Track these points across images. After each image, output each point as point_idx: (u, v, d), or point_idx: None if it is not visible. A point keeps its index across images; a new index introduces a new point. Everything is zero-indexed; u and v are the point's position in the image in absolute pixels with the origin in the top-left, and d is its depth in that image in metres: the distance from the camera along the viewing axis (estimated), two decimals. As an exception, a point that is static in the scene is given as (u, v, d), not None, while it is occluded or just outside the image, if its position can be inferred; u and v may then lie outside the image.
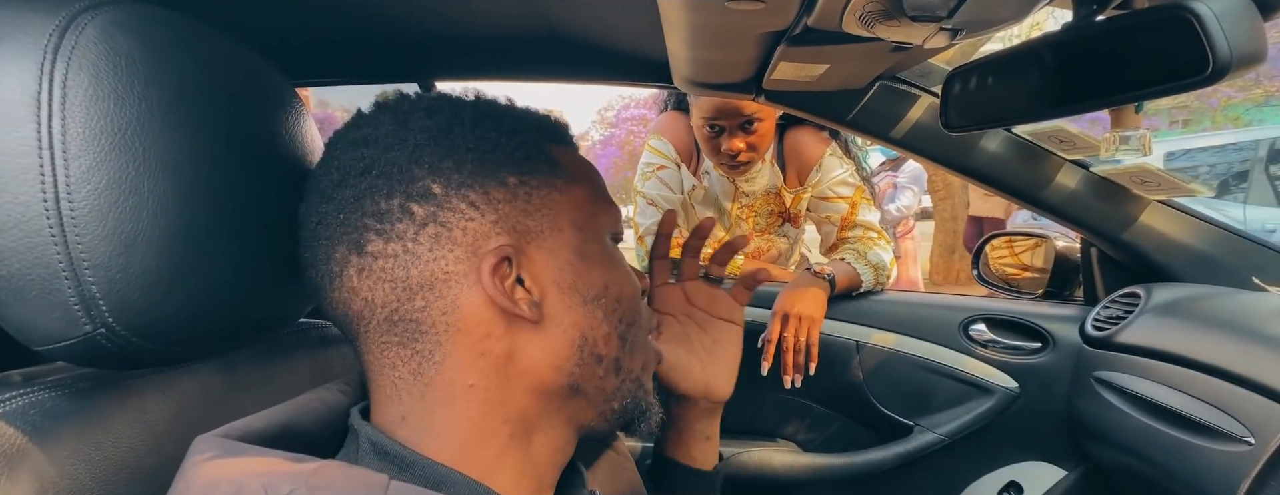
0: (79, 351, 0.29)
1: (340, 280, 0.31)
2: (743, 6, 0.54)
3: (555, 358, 0.33)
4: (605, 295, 0.35)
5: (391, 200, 0.31)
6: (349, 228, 0.31)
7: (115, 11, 0.29)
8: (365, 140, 0.32)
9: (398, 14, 0.82)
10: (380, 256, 0.31)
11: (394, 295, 0.31)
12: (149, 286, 0.29)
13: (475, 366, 0.32)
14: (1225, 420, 0.62)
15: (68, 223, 0.27)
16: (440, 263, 0.31)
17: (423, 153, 0.32)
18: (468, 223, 0.31)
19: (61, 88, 0.26)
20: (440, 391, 0.32)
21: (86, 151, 0.27)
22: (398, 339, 0.31)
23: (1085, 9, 0.50)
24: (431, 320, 0.31)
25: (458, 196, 0.31)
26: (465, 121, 0.33)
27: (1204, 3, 0.40)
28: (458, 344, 0.31)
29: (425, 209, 0.31)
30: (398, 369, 0.32)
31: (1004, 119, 0.65)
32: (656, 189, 1.23)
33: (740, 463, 1.07)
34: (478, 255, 0.31)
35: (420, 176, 0.31)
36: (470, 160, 0.32)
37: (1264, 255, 0.83)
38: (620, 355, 0.35)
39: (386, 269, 0.31)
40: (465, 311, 0.31)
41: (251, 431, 0.30)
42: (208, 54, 0.33)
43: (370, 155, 0.32)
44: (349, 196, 0.31)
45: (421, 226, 0.31)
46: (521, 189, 0.33)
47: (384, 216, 0.31)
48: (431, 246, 0.31)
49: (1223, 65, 0.39)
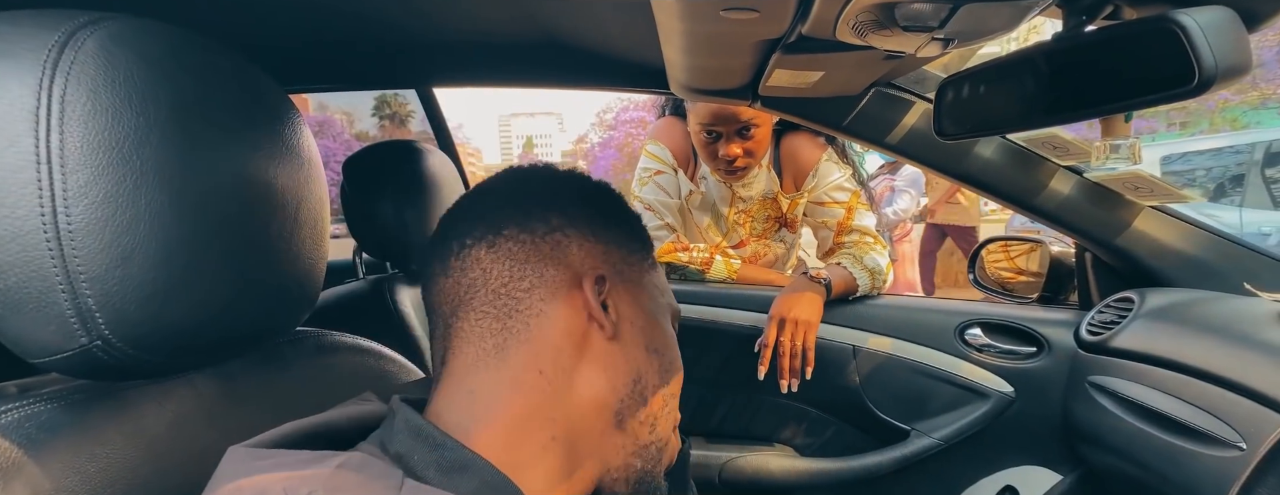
0: (75, 364, 0.29)
1: (470, 252, 0.37)
2: (737, 15, 0.55)
3: (614, 379, 0.38)
4: (663, 353, 0.41)
5: (536, 207, 0.38)
6: (496, 218, 0.38)
7: (113, 26, 0.29)
8: (530, 176, 0.41)
9: (395, 21, 0.82)
10: (511, 240, 0.37)
11: (509, 272, 0.36)
12: (145, 299, 0.29)
13: (549, 356, 0.36)
14: (1217, 425, 0.62)
15: (65, 236, 0.27)
16: (553, 263, 0.37)
17: (569, 189, 0.40)
18: (585, 243, 0.38)
19: (60, 103, 0.27)
20: (512, 370, 0.36)
21: (84, 165, 0.27)
22: (495, 312, 0.36)
23: (1075, 19, 0.51)
24: (530, 303, 0.36)
25: (585, 223, 0.39)
26: (602, 189, 0.43)
27: (1190, 15, 0.40)
28: (543, 330, 0.36)
29: (559, 220, 0.38)
30: (485, 341, 0.36)
31: (996, 127, 0.65)
32: (654, 194, 1.24)
33: (737, 467, 1.07)
34: (581, 270, 0.38)
35: (563, 204, 0.39)
36: (601, 206, 0.41)
37: (1256, 261, 0.83)
38: (659, 414, 0.40)
39: (512, 251, 0.36)
40: (558, 306, 0.36)
41: (285, 437, 0.31)
42: (204, 66, 0.33)
43: (531, 183, 0.40)
44: (504, 199, 0.39)
45: (552, 230, 0.37)
46: (629, 246, 0.41)
47: (527, 215, 0.37)
48: (553, 248, 0.37)
49: (1208, 77, 0.40)
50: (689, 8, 0.53)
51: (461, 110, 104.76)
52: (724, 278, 1.16)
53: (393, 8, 0.78)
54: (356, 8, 0.76)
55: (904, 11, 0.50)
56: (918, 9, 0.49)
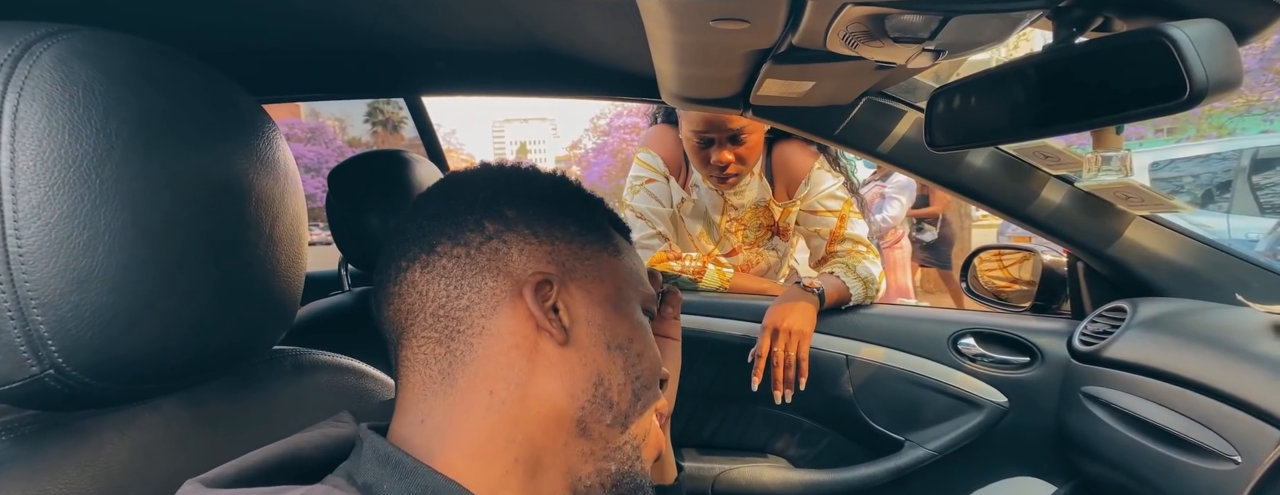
0: (26, 394, 0.28)
1: (405, 275, 0.35)
2: (727, 26, 0.54)
3: (572, 386, 0.36)
4: (628, 348, 0.38)
5: (469, 216, 0.36)
6: (428, 233, 0.36)
7: (72, 38, 0.28)
8: (465, 181, 0.38)
9: (385, 30, 0.82)
10: (444, 256, 0.35)
11: (445, 292, 0.34)
12: (104, 324, 0.28)
13: (498, 374, 0.34)
14: (1212, 438, 0.62)
15: (14, 260, 0.26)
16: (492, 273, 0.35)
17: (509, 189, 0.37)
18: (525, 245, 0.36)
19: (11, 120, 0.25)
20: (462, 394, 0.34)
21: (37, 185, 0.26)
22: (437, 336, 0.35)
23: (1066, 31, 0.51)
24: (471, 321, 0.34)
25: (524, 223, 0.36)
26: (545, 177, 0.40)
27: (1180, 28, 0.40)
28: (488, 348, 0.34)
29: (495, 226, 0.36)
30: (430, 367, 0.34)
31: (987, 138, 0.65)
32: (645, 202, 1.23)
33: (731, 479, 1.06)
34: (524, 275, 0.35)
35: (500, 204, 0.36)
36: (545, 204, 0.38)
37: (1247, 271, 0.83)
38: (629, 412, 0.37)
39: (447, 268, 0.35)
40: (501, 319, 0.35)
41: (247, 468, 0.30)
42: (171, 79, 0.32)
43: (466, 190, 0.38)
44: (438, 212, 0.37)
45: (487, 239, 0.35)
46: (579, 238, 0.38)
47: (459, 226, 0.36)
48: (490, 258, 0.35)
49: (1199, 90, 0.39)
50: (678, 18, 0.53)
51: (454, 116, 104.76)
52: (716, 287, 1.16)
53: (382, 17, 0.77)
54: (346, 17, 0.75)
55: (894, 23, 0.49)
56: (908, 20, 0.49)
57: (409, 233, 0.37)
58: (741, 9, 0.50)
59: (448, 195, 0.38)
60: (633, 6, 0.53)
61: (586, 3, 0.70)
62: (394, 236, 0.38)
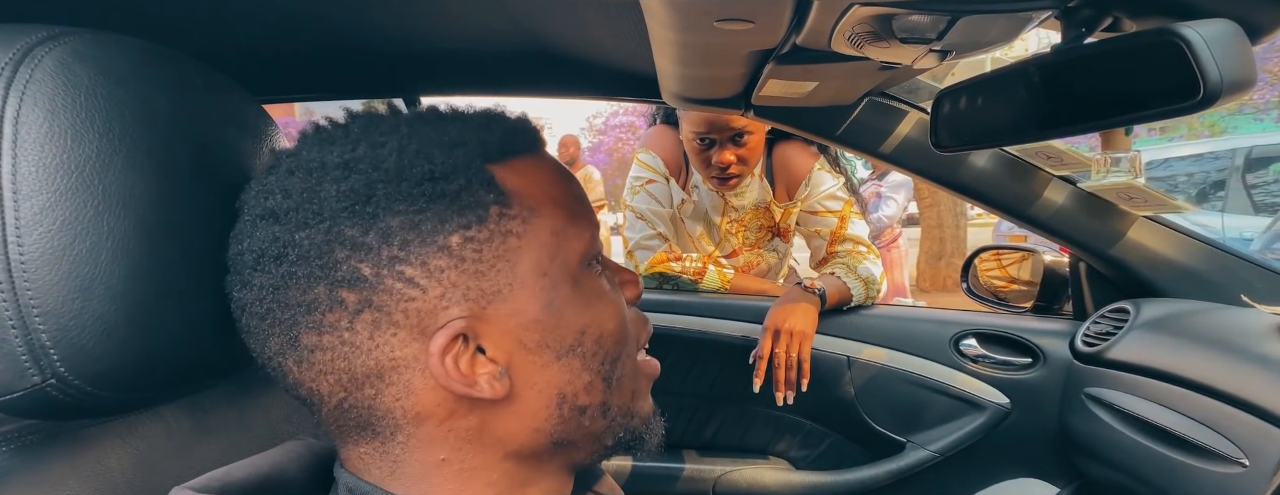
0: (27, 404, 0.27)
1: (281, 370, 0.29)
2: (731, 26, 0.54)
3: (532, 421, 0.30)
4: (582, 343, 0.31)
5: (315, 288, 0.27)
6: (275, 320, 0.27)
7: (74, 41, 0.27)
8: (273, 214, 0.27)
9: (385, 30, 0.81)
10: (316, 349, 0.27)
11: (340, 386, 0.28)
12: (105, 333, 0.27)
13: (445, 443, 0.29)
14: (1218, 441, 0.61)
15: (16, 268, 0.25)
16: (384, 350, 0.27)
17: (341, 228, 0.27)
18: (408, 303, 0.27)
19: (13, 125, 0.25)
20: (411, 468, 0.29)
21: (40, 192, 0.25)
22: (354, 424, 0.29)
23: (1074, 31, 0.50)
24: (385, 407, 0.28)
25: (391, 275, 0.27)
26: (389, 173, 0.27)
27: (1193, 28, 0.40)
28: (420, 427, 0.29)
29: (357, 294, 0.27)
30: (361, 446, 0.30)
31: (993, 139, 0.65)
32: (646, 203, 1.22)
33: (732, 481, 1.06)
34: (426, 334, 0.27)
35: (343, 258, 0.27)
36: (399, 227, 0.27)
37: (1251, 272, 0.83)
38: (606, 398, 0.32)
39: (326, 361, 0.27)
40: (421, 395, 0.28)
41: (232, 482, 0.28)
42: (175, 82, 0.31)
43: (283, 235, 0.27)
44: (268, 285, 0.27)
45: (355, 314, 0.27)
46: (469, 248, 0.28)
47: (312, 307, 0.27)
48: (371, 334, 0.27)
49: (1213, 91, 0.39)
50: (681, 18, 0.52)
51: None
52: (717, 288, 1.15)
53: (382, 18, 0.76)
54: (344, 17, 0.74)
55: (902, 23, 0.49)
56: (916, 21, 0.49)
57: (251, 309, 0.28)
58: (746, 9, 0.50)
59: (267, 254, 0.27)
60: (634, 6, 0.53)
61: (588, 3, 0.70)
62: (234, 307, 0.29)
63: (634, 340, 0.34)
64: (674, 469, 1.06)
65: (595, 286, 0.32)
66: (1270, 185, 3.92)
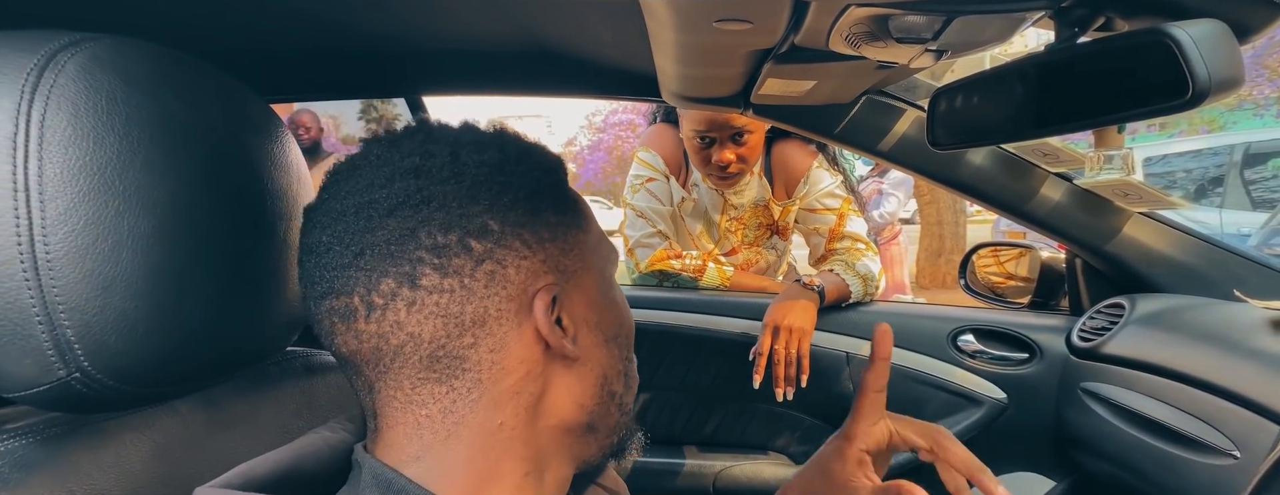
0: (52, 397, 0.28)
1: (384, 313, 0.30)
2: (730, 26, 0.55)
3: (581, 396, 0.34)
4: (621, 333, 0.36)
5: (449, 234, 0.30)
6: (400, 260, 0.30)
7: (95, 47, 0.28)
8: (417, 170, 0.31)
9: (387, 31, 0.82)
10: (435, 291, 0.30)
11: (444, 331, 0.30)
12: (126, 328, 0.28)
13: (509, 405, 0.32)
14: (1211, 433, 0.62)
15: (43, 266, 0.26)
16: (494, 300, 0.31)
17: (481, 188, 0.31)
18: (521, 261, 0.32)
19: (39, 128, 0.26)
20: (469, 430, 0.31)
21: (64, 192, 0.26)
22: (437, 376, 0.31)
23: (1068, 31, 0.51)
24: (477, 358, 0.31)
25: (513, 234, 0.32)
26: (511, 157, 0.33)
27: (1182, 28, 0.41)
28: (498, 383, 0.31)
29: (483, 245, 0.31)
30: (428, 406, 0.31)
31: (989, 137, 0.65)
32: (646, 201, 1.23)
33: (732, 476, 1.07)
34: (527, 294, 0.32)
35: (478, 213, 0.31)
36: (522, 198, 0.32)
37: (1245, 267, 0.84)
38: (624, 391, 0.37)
39: (441, 304, 0.30)
40: (511, 350, 0.32)
41: (255, 477, 0.29)
42: (189, 86, 0.32)
43: (427, 187, 0.31)
44: (403, 228, 0.30)
45: (479, 262, 0.31)
46: (560, 228, 0.34)
47: (442, 250, 0.30)
48: (487, 283, 0.31)
49: (1202, 90, 0.40)
50: (681, 19, 0.53)
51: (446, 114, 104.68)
52: (717, 285, 1.16)
53: (383, 18, 0.77)
54: (346, 18, 0.75)
55: (898, 23, 0.50)
56: (912, 21, 0.49)
57: (373, 251, 0.30)
58: (745, 10, 0.51)
59: (409, 202, 0.31)
60: (634, 6, 0.54)
61: (588, 4, 0.70)
62: (341, 249, 0.30)
63: None
64: (675, 464, 1.07)
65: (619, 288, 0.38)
66: (1268, 181, 3.92)
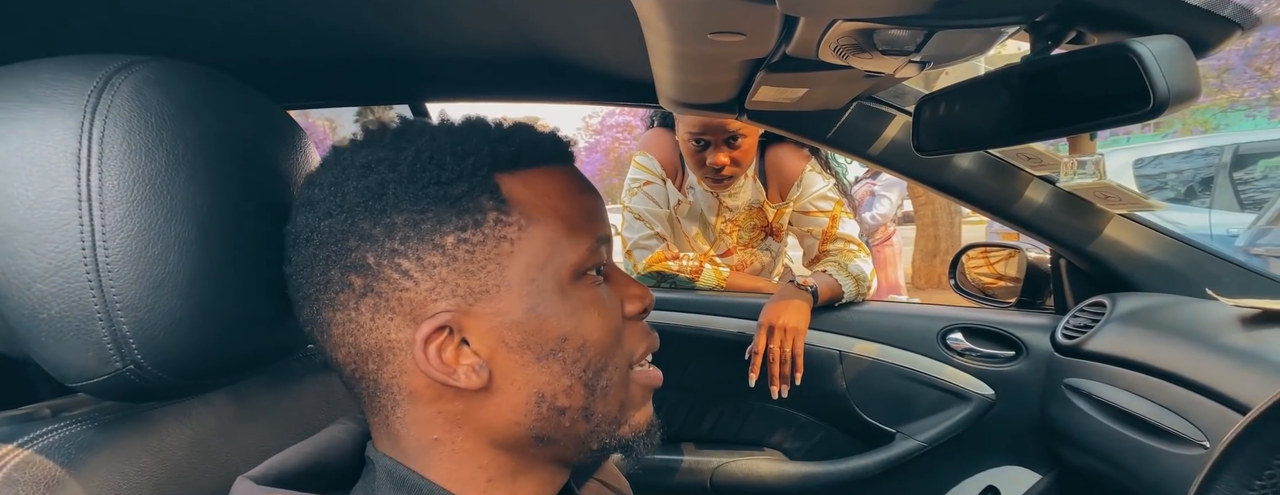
0: (109, 387, 0.31)
1: (313, 337, 0.33)
2: (724, 38, 0.57)
3: (512, 414, 0.33)
4: (563, 348, 0.33)
5: (330, 271, 0.31)
6: (304, 295, 0.32)
7: (146, 69, 0.31)
8: (309, 203, 0.32)
9: (388, 38, 0.84)
10: (331, 324, 0.32)
11: (350, 359, 0.32)
12: (173, 325, 0.31)
13: (436, 423, 0.33)
14: (1183, 425, 0.65)
15: (103, 268, 0.29)
16: (382, 332, 0.31)
17: (356, 220, 0.31)
18: (402, 293, 0.31)
19: (99, 144, 0.29)
20: (411, 443, 0.33)
21: (120, 202, 0.29)
22: (364, 395, 0.33)
23: (1042, 43, 0.54)
24: (385, 383, 0.32)
25: (390, 266, 0.30)
26: (402, 174, 0.31)
27: (1144, 43, 0.44)
28: (414, 404, 0.32)
29: (362, 279, 0.31)
30: (373, 418, 0.34)
31: (971, 143, 0.68)
32: (643, 204, 1.26)
33: (728, 472, 1.09)
34: (417, 322, 0.31)
35: (354, 246, 0.31)
36: (403, 223, 0.30)
37: (1219, 266, 0.87)
38: (589, 403, 0.34)
39: (339, 335, 0.32)
40: (413, 376, 0.32)
41: (286, 470, 0.32)
42: (223, 101, 0.35)
43: (312, 222, 0.32)
44: (300, 262, 0.32)
45: (360, 296, 0.31)
46: (461, 248, 0.31)
47: (328, 286, 0.31)
48: (372, 316, 0.31)
49: (1161, 101, 0.43)
50: (678, 30, 0.56)
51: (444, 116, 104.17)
52: (713, 286, 1.19)
53: (388, 27, 0.79)
54: (350, 26, 0.78)
55: (882, 36, 0.53)
56: (895, 34, 0.52)
57: (291, 282, 0.33)
58: (738, 23, 0.53)
59: (300, 238, 0.32)
60: (632, 17, 0.56)
61: (587, 13, 0.73)
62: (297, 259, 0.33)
63: (626, 352, 0.36)
64: (673, 461, 1.10)
65: (586, 297, 0.34)
66: (1257, 182, 3.97)
